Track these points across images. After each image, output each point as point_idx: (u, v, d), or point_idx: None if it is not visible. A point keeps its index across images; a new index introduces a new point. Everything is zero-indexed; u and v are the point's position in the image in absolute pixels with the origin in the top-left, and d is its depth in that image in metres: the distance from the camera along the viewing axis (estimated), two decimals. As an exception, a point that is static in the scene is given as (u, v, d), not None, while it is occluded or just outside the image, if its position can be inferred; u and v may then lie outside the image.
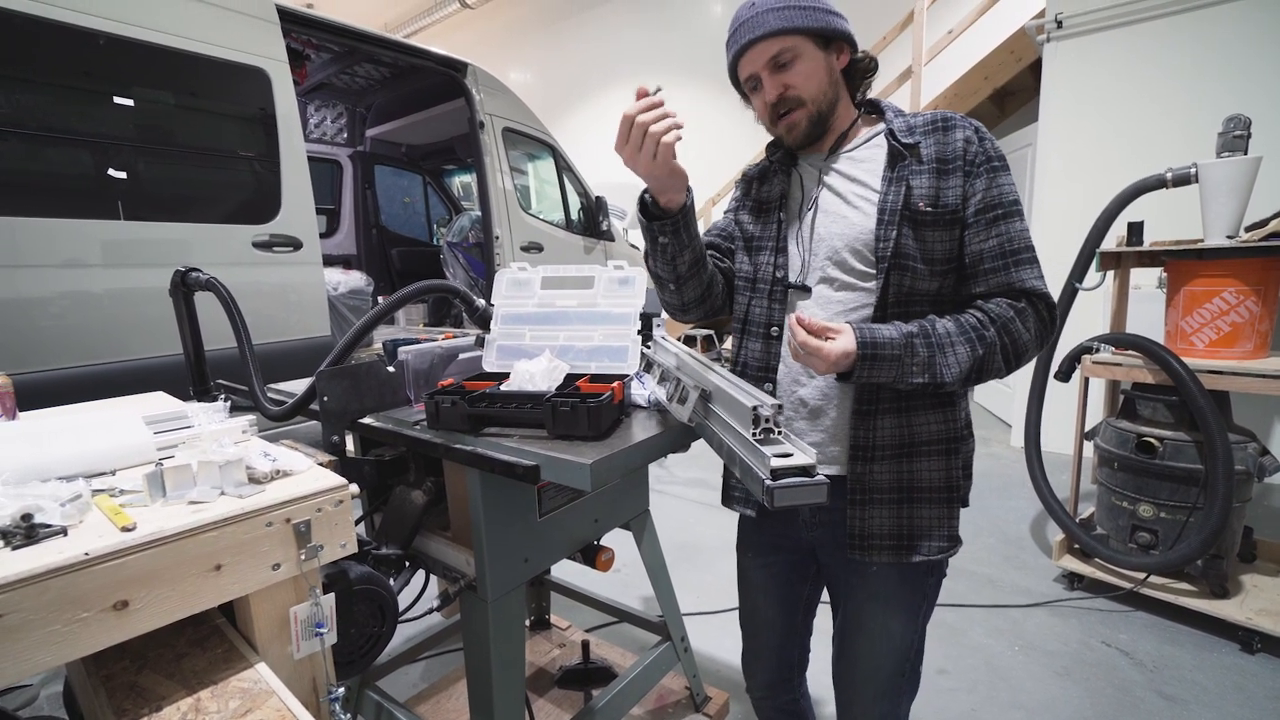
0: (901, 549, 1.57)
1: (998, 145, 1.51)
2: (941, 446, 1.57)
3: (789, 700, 2.05)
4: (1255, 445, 3.22)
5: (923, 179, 1.48)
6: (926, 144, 1.51)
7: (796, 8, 1.47)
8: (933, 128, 1.52)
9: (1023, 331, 1.44)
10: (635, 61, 10.89)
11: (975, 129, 1.51)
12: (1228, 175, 3.12)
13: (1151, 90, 5.37)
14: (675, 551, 4.31)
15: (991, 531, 4.51)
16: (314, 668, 1.29)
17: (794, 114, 1.55)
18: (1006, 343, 1.43)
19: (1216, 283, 3.24)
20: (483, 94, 5.54)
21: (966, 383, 1.45)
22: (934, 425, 1.56)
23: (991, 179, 1.47)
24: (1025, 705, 2.83)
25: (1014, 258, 1.46)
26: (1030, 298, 1.46)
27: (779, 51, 1.49)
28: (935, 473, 1.57)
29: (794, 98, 1.53)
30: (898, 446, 1.54)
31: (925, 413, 1.55)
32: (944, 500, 1.59)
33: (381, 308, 1.82)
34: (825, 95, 1.55)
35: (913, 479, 1.56)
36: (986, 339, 1.43)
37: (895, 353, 1.39)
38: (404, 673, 3.02)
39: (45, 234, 2.96)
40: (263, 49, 3.71)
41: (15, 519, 1.04)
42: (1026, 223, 1.49)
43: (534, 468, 1.40)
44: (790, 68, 1.50)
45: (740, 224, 1.78)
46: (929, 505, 1.57)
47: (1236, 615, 3.14)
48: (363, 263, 7.20)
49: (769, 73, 1.52)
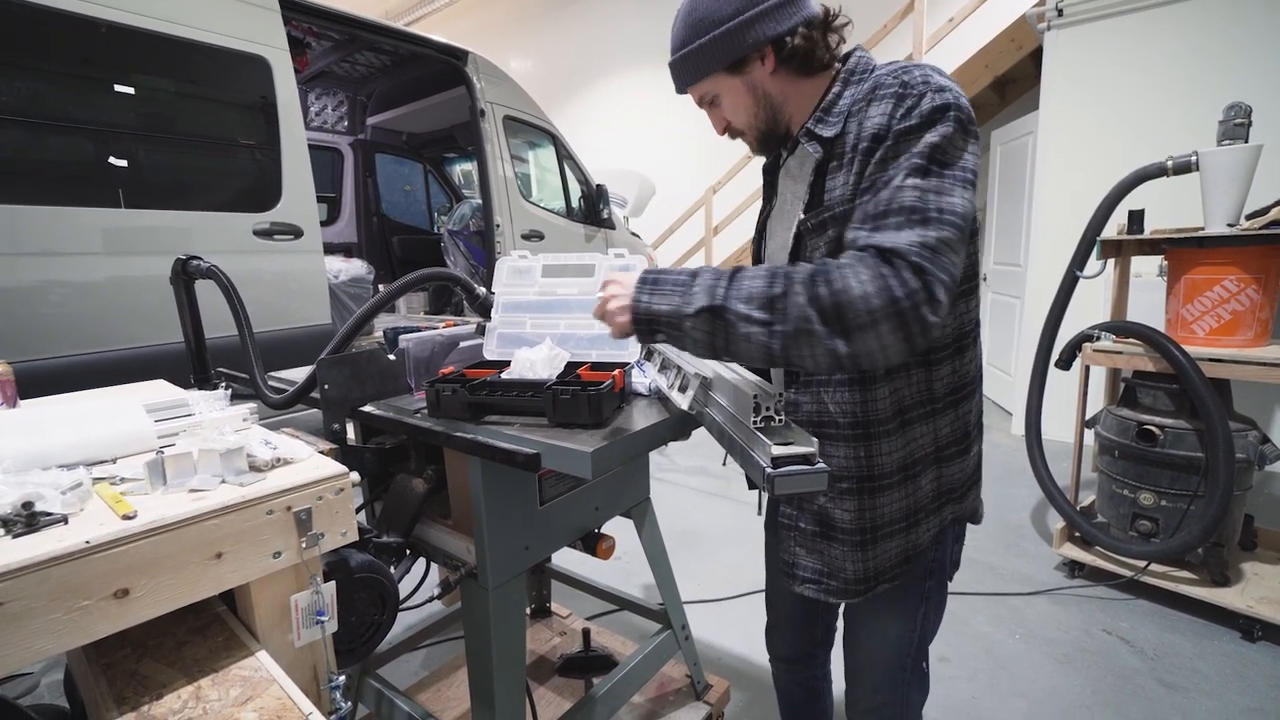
0: (820, 585, 1.58)
1: (935, 99, 1.22)
2: (851, 485, 1.47)
3: (809, 676, 2.07)
4: (1256, 433, 3.22)
5: (839, 176, 1.34)
6: (851, 126, 1.33)
7: (694, 50, 1.41)
8: (864, 103, 1.32)
9: (849, 280, 1.09)
10: (636, 49, 10.85)
11: (898, 96, 1.25)
12: (1228, 163, 3.12)
13: (1152, 78, 5.35)
14: (676, 539, 4.32)
15: (992, 519, 4.51)
16: (315, 656, 1.29)
17: (742, 138, 1.56)
18: (820, 291, 1.10)
19: (1217, 271, 3.24)
20: (483, 82, 5.52)
21: (764, 330, 1.15)
22: (841, 460, 1.47)
23: (894, 147, 1.23)
24: (1026, 693, 2.84)
25: (882, 219, 1.17)
26: (880, 251, 1.12)
27: (699, 97, 1.51)
28: (845, 513, 1.49)
29: (735, 129, 1.53)
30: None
31: (834, 444, 1.46)
32: (855, 544, 1.50)
33: (382, 296, 1.82)
34: (760, 116, 1.48)
35: (827, 516, 1.53)
36: (790, 275, 1.15)
37: (680, 278, 1.24)
38: (405, 661, 3.02)
39: (46, 222, 2.95)
40: (264, 37, 3.69)
41: (16, 507, 1.03)
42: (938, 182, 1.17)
43: (535, 456, 1.40)
44: (717, 105, 1.50)
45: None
46: (839, 545, 1.52)
47: (1237, 603, 3.14)
48: (363, 251, 7.20)
49: (706, 108, 1.54)
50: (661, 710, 2.56)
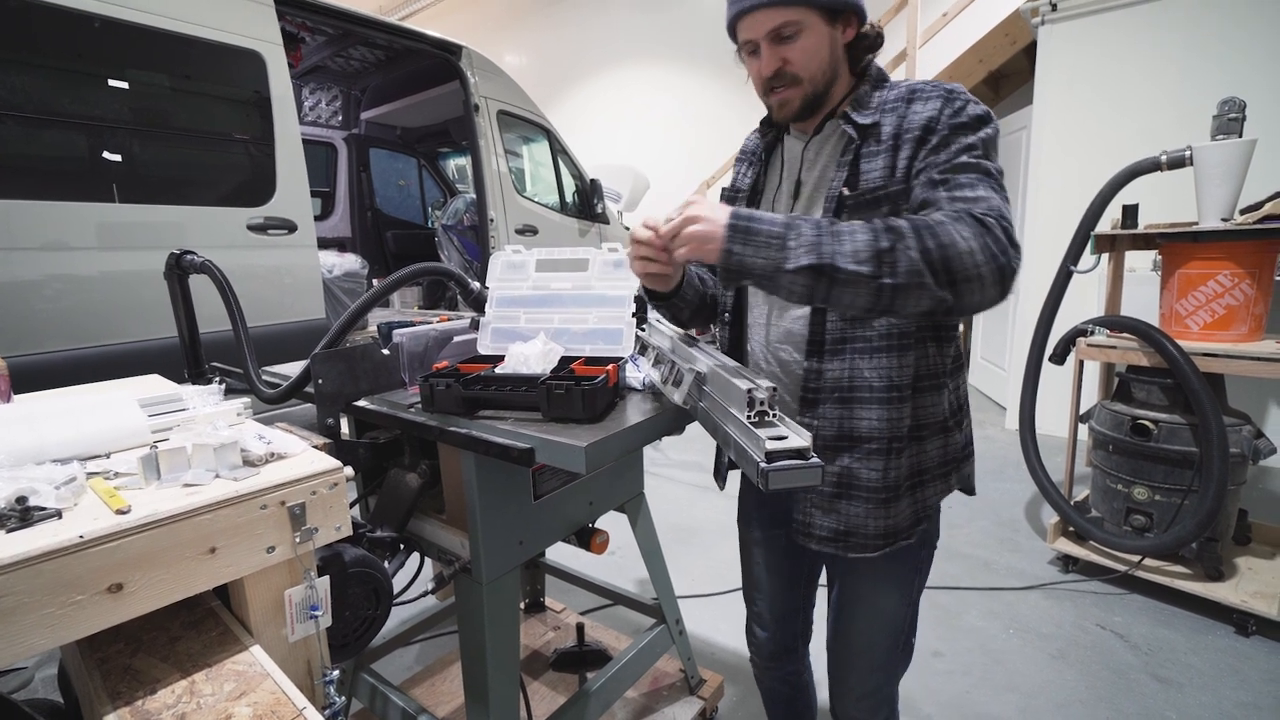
0: (839, 543, 1.58)
1: (978, 108, 1.38)
2: (881, 445, 1.51)
3: (792, 671, 2.08)
4: (1250, 428, 3.23)
5: (877, 160, 1.43)
6: (888, 120, 1.44)
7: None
8: (901, 101, 1.45)
9: (955, 236, 1.19)
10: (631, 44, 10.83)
11: (946, 97, 1.39)
12: (1222, 158, 3.12)
13: (1146, 73, 5.36)
14: (670, 534, 4.33)
15: (986, 514, 4.52)
16: (309, 650, 1.29)
17: (788, 90, 1.47)
18: (930, 245, 1.18)
19: (1211, 265, 3.24)
20: (478, 77, 5.52)
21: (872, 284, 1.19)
22: (874, 422, 1.49)
23: (949, 136, 1.36)
24: (1020, 688, 2.85)
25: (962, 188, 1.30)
26: (972, 214, 1.23)
27: (783, 24, 1.39)
28: (872, 472, 1.52)
29: (791, 74, 1.44)
30: (836, 438, 1.52)
31: (867, 407, 1.49)
32: (880, 500, 1.53)
33: (376, 290, 1.81)
34: (824, 74, 1.46)
35: (851, 475, 1.53)
36: (897, 229, 1.20)
37: (775, 229, 1.23)
38: (399, 655, 3.03)
39: (40, 217, 2.95)
40: (257, 31, 3.69)
41: (10, 502, 1.03)
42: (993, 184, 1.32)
43: (529, 450, 1.40)
44: (792, 42, 1.41)
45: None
46: (862, 503, 1.54)
47: (1231, 598, 3.15)
48: (357, 245, 7.19)
49: (769, 43, 1.42)
50: (655, 705, 2.56)
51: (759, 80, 1.51)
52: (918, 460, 1.55)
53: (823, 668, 1.89)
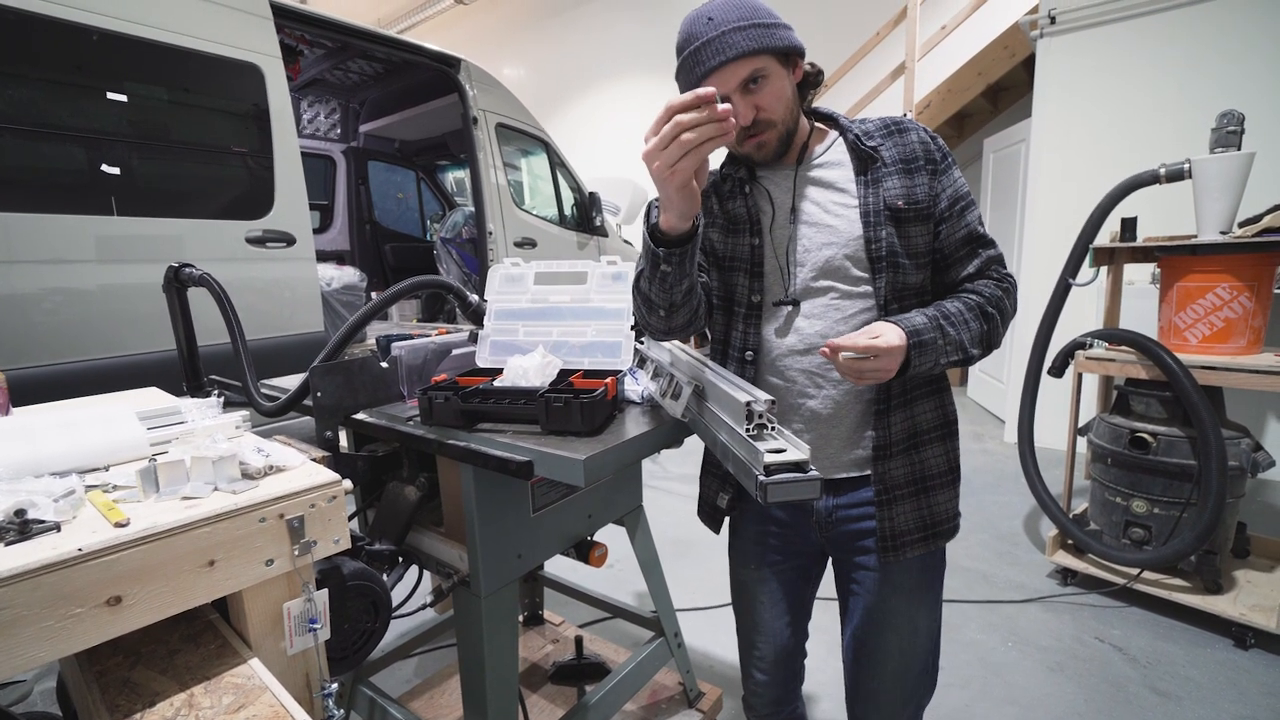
0: (929, 538, 1.62)
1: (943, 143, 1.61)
2: (941, 432, 1.64)
3: (790, 711, 2.01)
4: (1248, 441, 3.23)
5: (893, 180, 1.54)
6: (886, 147, 1.57)
7: (760, 25, 1.42)
8: (888, 132, 1.60)
9: (1008, 306, 1.57)
10: (628, 57, 10.87)
11: (924, 130, 1.61)
12: (1221, 171, 3.13)
13: (1145, 86, 5.38)
14: (668, 547, 4.32)
15: (985, 527, 4.52)
16: (307, 663, 1.29)
17: (765, 134, 1.52)
18: (999, 318, 1.54)
19: (1210, 278, 3.25)
20: (476, 90, 5.54)
21: (980, 355, 1.53)
22: (932, 413, 1.63)
23: (948, 174, 1.56)
24: (1019, 701, 2.84)
25: (979, 242, 1.57)
26: (1006, 278, 1.58)
27: (751, 73, 1.43)
28: (939, 458, 1.63)
29: (765, 120, 1.49)
30: (908, 439, 1.59)
31: (925, 401, 1.62)
32: (951, 481, 1.66)
33: (375, 303, 1.82)
34: (792, 114, 1.54)
35: (924, 468, 1.61)
36: (989, 313, 1.51)
37: (933, 337, 1.42)
38: (397, 668, 3.02)
39: (38, 230, 2.95)
40: (256, 44, 3.70)
41: (8, 514, 1.03)
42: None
43: (527, 463, 1.40)
44: (760, 89, 1.46)
45: (710, 241, 1.72)
46: (941, 490, 1.63)
47: (1230, 611, 3.15)
48: (356, 258, 7.20)
49: (740, 94, 1.46)
50: (654, 718, 2.56)
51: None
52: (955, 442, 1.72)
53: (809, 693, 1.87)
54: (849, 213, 1.55)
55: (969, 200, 1.57)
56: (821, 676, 2.83)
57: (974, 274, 1.58)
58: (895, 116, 1.64)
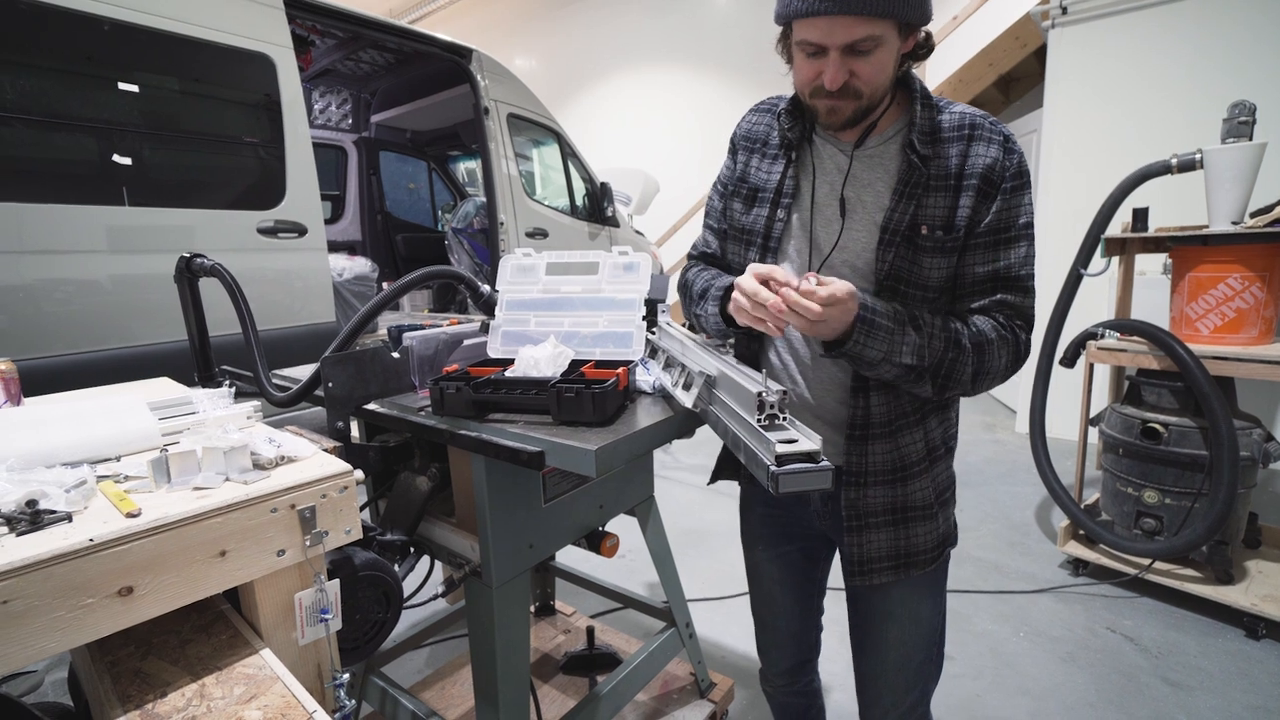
0: (899, 568, 1.59)
1: (1024, 159, 1.41)
2: (923, 465, 1.56)
3: (806, 682, 2.05)
4: (1260, 431, 3.22)
5: (936, 197, 1.40)
6: (947, 154, 1.40)
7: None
8: (959, 135, 1.41)
9: (995, 360, 1.41)
10: (640, 47, 10.85)
11: (1003, 143, 1.40)
12: (1233, 161, 3.11)
13: (1157, 76, 5.35)
14: (680, 537, 4.32)
15: (997, 518, 4.51)
16: (319, 654, 1.29)
17: (844, 101, 1.35)
18: (978, 363, 1.39)
19: (1221, 269, 3.23)
20: (487, 80, 5.52)
21: (930, 381, 1.40)
22: (917, 443, 1.55)
23: (1007, 200, 1.39)
24: (1030, 691, 2.84)
25: (1005, 285, 1.44)
26: (1015, 329, 1.44)
27: (865, 37, 1.25)
28: (923, 490, 1.56)
29: (853, 89, 1.33)
30: (890, 471, 1.53)
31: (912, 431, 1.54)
32: (931, 515, 1.59)
33: (386, 294, 1.81)
34: (884, 90, 1.38)
35: (906, 499, 1.56)
36: (962, 345, 1.38)
37: (890, 325, 1.31)
38: (409, 659, 3.03)
39: (50, 220, 2.95)
40: (267, 35, 3.70)
41: (20, 505, 1.04)
42: (1033, 247, 1.45)
43: (539, 454, 1.40)
44: (866, 56, 1.29)
45: (731, 213, 1.68)
46: (920, 522, 1.58)
47: (1241, 601, 3.14)
48: (367, 249, 7.20)
49: (840, 54, 1.28)
50: (666, 708, 2.56)
51: (808, 83, 1.38)
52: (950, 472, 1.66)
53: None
54: (871, 218, 1.45)
55: (1019, 236, 1.41)
56: (834, 666, 2.83)
57: (978, 310, 1.45)
58: (980, 117, 1.43)
